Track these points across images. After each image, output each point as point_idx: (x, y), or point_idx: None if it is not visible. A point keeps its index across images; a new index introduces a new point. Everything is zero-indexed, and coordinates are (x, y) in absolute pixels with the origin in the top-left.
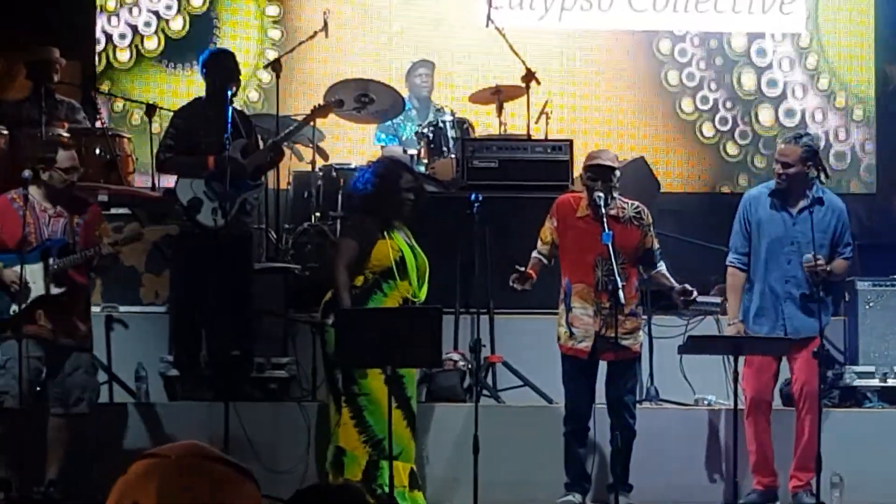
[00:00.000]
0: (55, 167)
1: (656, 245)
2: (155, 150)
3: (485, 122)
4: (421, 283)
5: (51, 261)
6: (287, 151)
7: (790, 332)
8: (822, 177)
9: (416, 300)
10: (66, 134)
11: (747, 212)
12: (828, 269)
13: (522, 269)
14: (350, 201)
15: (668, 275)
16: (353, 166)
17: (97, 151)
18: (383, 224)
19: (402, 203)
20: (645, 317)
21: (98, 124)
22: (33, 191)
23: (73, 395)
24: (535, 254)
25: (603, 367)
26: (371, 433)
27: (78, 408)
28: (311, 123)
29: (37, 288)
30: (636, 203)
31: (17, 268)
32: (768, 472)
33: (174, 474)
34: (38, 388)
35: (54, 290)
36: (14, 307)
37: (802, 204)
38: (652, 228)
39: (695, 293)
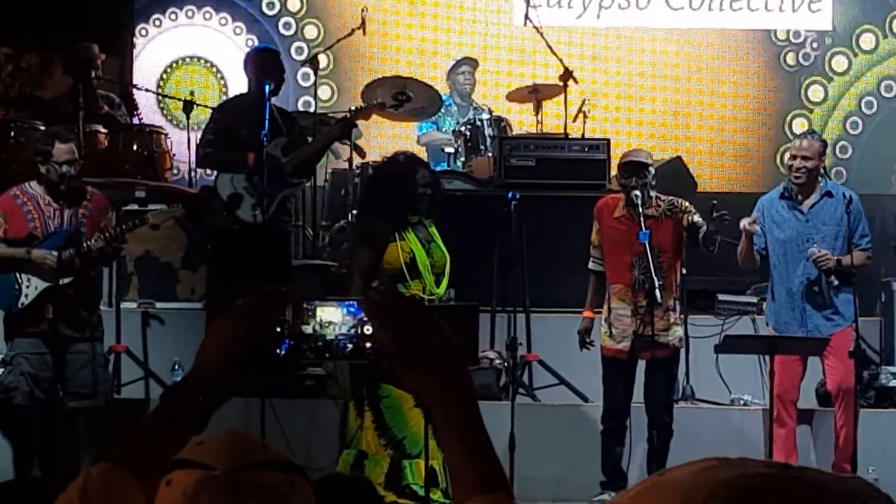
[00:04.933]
0: (52, 161)
1: (698, 219)
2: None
3: (522, 121)
4: (441, 278)
5: (55, 252)
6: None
7: (811, 329)
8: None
9: (432, 297)
10: (103, 130)
11: (761, 217)
12: (836, 258)
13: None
14: (363, 201)
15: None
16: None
17: (135, 147)
18: (396, 223)
19: (419, 199)
20: (681, 315)
21: (135, 120)
22: (35, 186)
23: (86, 388)
24: (591, 264)
25: (641, 365)
26: (391, 435)
27: (94, 400)
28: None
29: (43, 281)
30: (670, 198)
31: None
32: None
33: (223, 491)
34: (48, 384)
35: (62, 281)
36: (22, 300)
37: (813, 199)
38: (691, 208)
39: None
